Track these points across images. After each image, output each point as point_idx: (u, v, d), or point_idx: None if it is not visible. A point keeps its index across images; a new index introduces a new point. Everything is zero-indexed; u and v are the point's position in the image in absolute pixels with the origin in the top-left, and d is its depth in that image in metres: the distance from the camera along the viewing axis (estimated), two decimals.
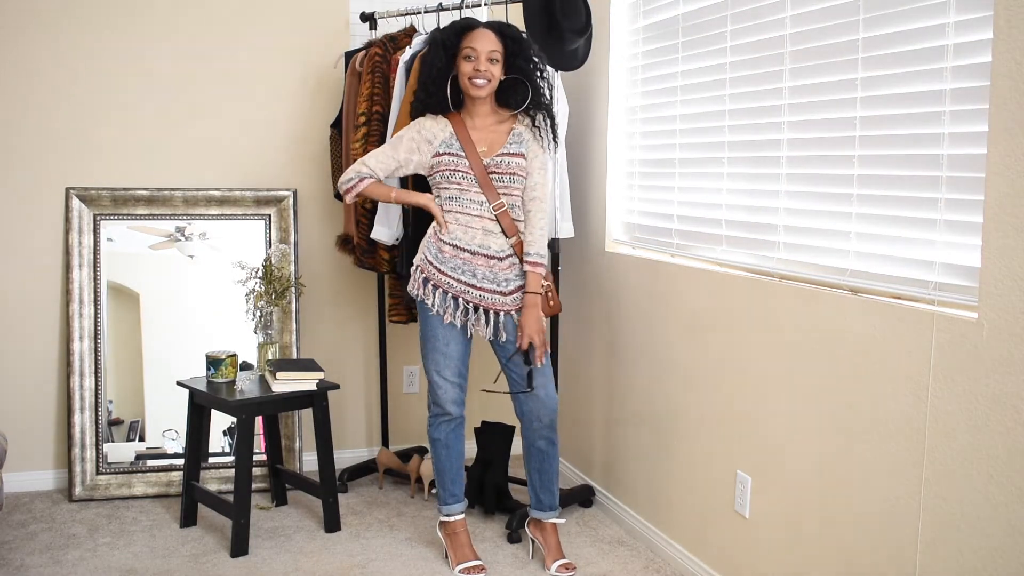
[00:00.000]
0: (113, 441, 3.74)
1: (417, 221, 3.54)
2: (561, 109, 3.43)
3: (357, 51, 3.70)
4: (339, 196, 3.83)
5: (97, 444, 3.70)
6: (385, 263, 3.64)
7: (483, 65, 2.88)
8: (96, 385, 3.72)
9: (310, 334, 4.01)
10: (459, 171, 2.93)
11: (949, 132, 2.03)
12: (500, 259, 2.96)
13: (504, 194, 2.95)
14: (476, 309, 2.96)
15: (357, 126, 3.54)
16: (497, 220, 2.95)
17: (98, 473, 3.70)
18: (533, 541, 3.17)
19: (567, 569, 3.02)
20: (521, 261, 2.99)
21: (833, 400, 2.35)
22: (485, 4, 3.50)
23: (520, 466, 4.07)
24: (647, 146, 3.32)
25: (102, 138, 3.75)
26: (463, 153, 2.94)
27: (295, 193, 3.92)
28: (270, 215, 3.90)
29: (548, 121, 3.02)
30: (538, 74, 2.98)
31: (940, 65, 2.05)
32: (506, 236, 2.96)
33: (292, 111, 3.94)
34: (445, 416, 3.06)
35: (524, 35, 3.00)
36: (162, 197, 3.79)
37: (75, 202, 3.71)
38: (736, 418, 2.76)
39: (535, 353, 2.95)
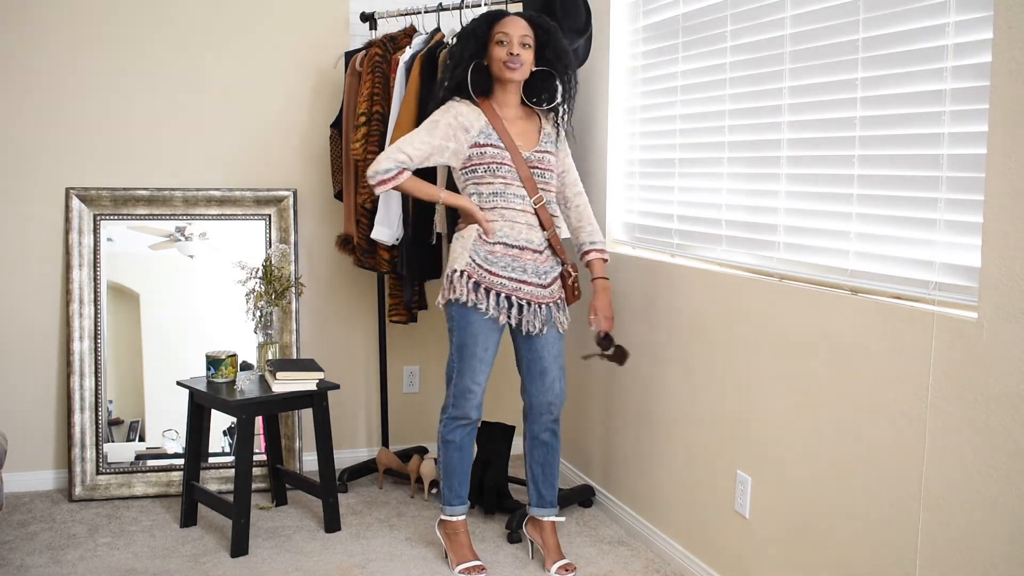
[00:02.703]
0: (113, 441, 3.74)
1: (418, 221, 3.54)
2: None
3: (357, 51, 3.70)
4: (339, 196, 3.85)
5: (97, 444, 3.70)
6: (385, 263, 3.64)
7: (516, 49, 2.85)
8: (96, 385, 3.72)
9: (310, 334, 4.01)
10: (504, 164, 2.89)
11: (949, 132, 2.03)
12: (540, 252, 2.97)
13: (543, 189, 2.95)
14: (528, 305, 2.96)
15: (357, 126, 3.54)
16: (536, 214, 2.95)
17: (98, 473, 3.70)
18: (532, 542, 3.17)
19: (567, 570, 3.02)
20: (555, 253, 3.01)
21: (833, 400, 2.35)
22: (485, 4, 3.50)
23: (520, 466, 4.07)
24: (647, 146, 3.32)
25: (102, 138, 3.75)
26: (503, 145, 2.90)
27: (295, 193, 3.92)
28: (270, 215, 3.90)
29: (568, 115, 3.03)
30: (570, 64, 2.97)
31: (940, 65, 2.05)
32: (543, 229, 2.97)
33: (292, 111, 3.94)
34: (465, 420, 3.02)
35: (554, 25, 2.97)
36: (162, 197, 3.79)
37: (75, 202, 3.71)
38: (736, 418, 2.76)
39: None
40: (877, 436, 2.20)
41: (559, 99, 2.98)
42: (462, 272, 2.91)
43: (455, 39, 3.03)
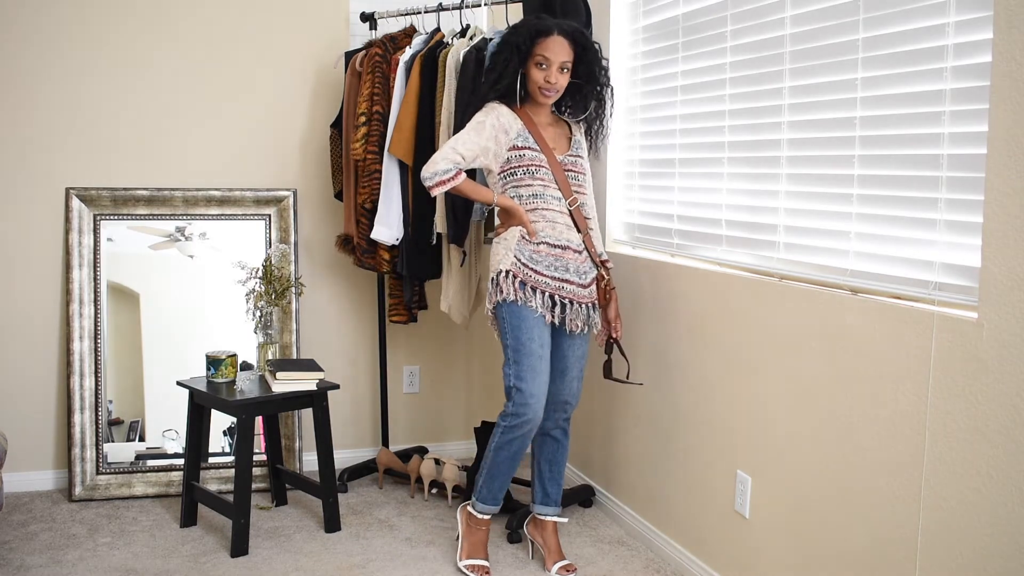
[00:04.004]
0: (113, 441, 3.74)
1: (418, 221, 3.54)
2: None
3: (357, 51, 3.70)
4: (339, 196, 3.85)
5: (97, 444, 3.70)
6: (385, 263, 3.64)
7: (554, 77, 2.88)
8: (96, 385, 3.72)
9: (310, 334, 4.01)
10: (542, 167, 2.93)
11: (949, 132, 2.03)
12: (579, 252, 2.99)
13: (576, 191, 2.98)
14: (571, 303, 2.97)
15: (357, 126, 3.54)
16: (571, 216, 2.97)
17: (98, 473, 3.70)
18: (533, 542, 3.17)
19: (568, 570, 3.02)
20: (591, 255, 3.02)
21: (833, 400, 2.35)
22: (485, 4, 3.50)
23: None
24: (647, 146, 3.32)
25: (102, 138, 3.75)
26: (539, 148, 2.93)
27: (295, 193, 3.92)
28: (270, 215, 3.90)
29: (605, 131, 3.06)
30: (606, 84, 3.01)
31: (940, 65, 2.05)
32: (578, 231, 2.99)
33: (292, 111, 3.94)
34: (529, 423, 2.92)
35: (596, 43, 2.99)
36: (162, 197, 3.79)
37: (75, 202, 3.71)
38: (736, 418, 2.76)
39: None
40: (877, 436, 2.20)
41: (587, 113, 3.02)
42: (507, 272, 2.92)
43: (498, 45, 3.02)
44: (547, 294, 2.93)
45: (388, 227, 3.54)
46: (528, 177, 2.92)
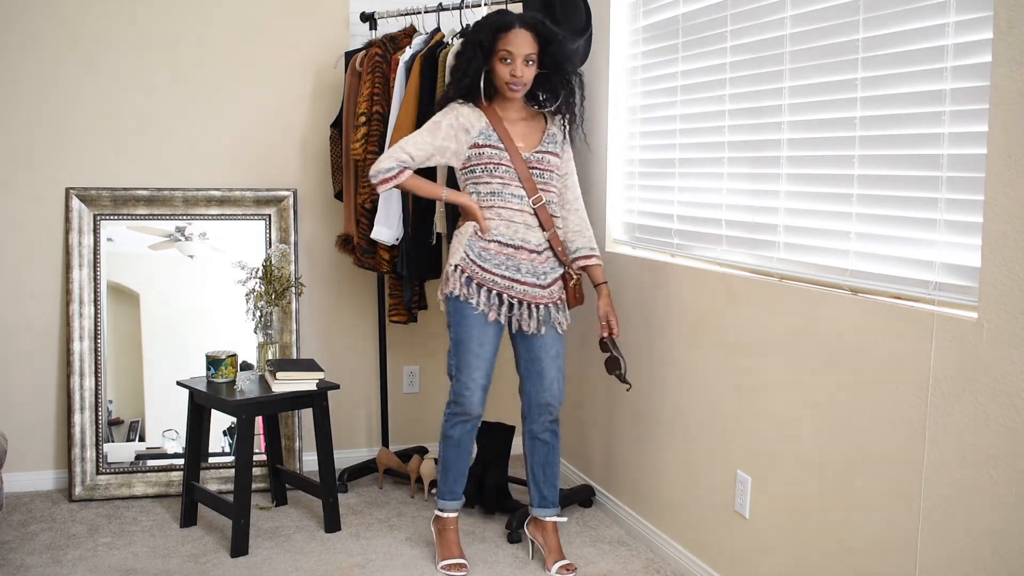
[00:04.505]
0: (113, 441, 3.74)
1: (418, 221, 3.54)
2: None
3: (357, 51, 3.70)
4: (339, 196, 3.85)
5: (97, 444, 3.70)
6: (385, 263, 3.64)
7: (519, 70, 2.88)
8: (96, 385, 3.72)
9: (310, 334, 4.01)
10: (502, 164, 2.92)
11: (949, 132, 2.03)
12: (539, 252, 2.99)
13: (542, 189, 2.97)
14: (520, 304, 2.97)
15: (357, 126, 3.54)
16: (536, 214, 2.96)
17: (98, 473, 3.70)
18: (533, 542, 3.17)
19: (568, 570, 3.02)
20: (555, 255, 3.02)
21: (833, 400, 2.35)
22: (485, 4, 3.50)
23: (520, 466, 4.07)
24: (647, 146, 3.32)
25: (102, 138, 3.75)
26: (502, 146, 2.93)
27: (295, 193, 3.92)
28: (270, 215, 3.90)
29: (577, 121, 3.04)
30: (573, 72, 2.99)
31: (940, 65, 2.05)
32: (543, 230, 2.98)
33: (292, 111, 3.94)
34: (465, 416, 3.03)
35: (559, 32, 2.98)
36: (162, 197, 3.79)
37: (75, 202, 3.71)
38: (736, 418, 2.76)
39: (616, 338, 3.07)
40: (877, 436, 2.20)
41: (558, 103, 2.99)
42: (456, 267, 2.95)
43: (461, 44, 3.03)
44: (494, 292, 2.95)
45: (388, 227, 3.54)
46: (486, 175, 2.93)
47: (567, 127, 3.04)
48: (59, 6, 3.65)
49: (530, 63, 2.89)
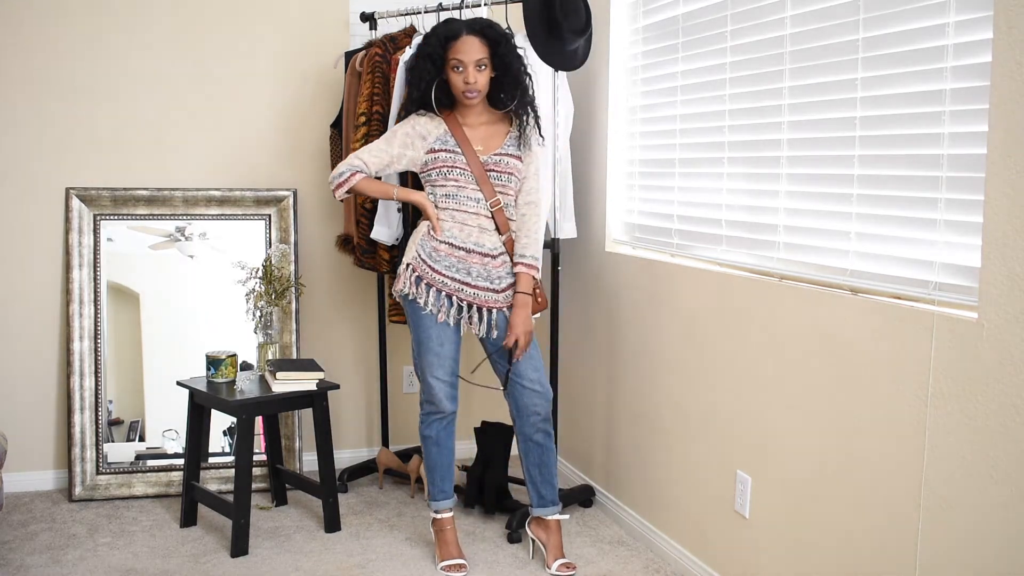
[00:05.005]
0: (113, 441, 3.74)
1: (417, 221, 3.54)
2: (564, 109, 3.43)
3: (357, 51, 3.70)
4: None
5: (97, 444, 3.70)
6: (385, 263, 3.64)
7: (472, 77, 2.90)
8: (96, 385, 3.72)
9: (310, 334, 4.01)
10: (456, 167, 2.94)
11: (949, 132, 2.03)
12: (493, 256, 2.99)
13: (500, 192, 2.98)
14: (470, 307, 2.98)
15: (357, 126, 3.54)
16: (492, 217, 2.97)
17: (98, 473, 3.70)
18: (534, 541, 3.17)
19: (568, 568, 3.03)
20: (512, 259, 3.00)
21: (833, 400, 2.35)
22: (485, 4, 3.50)
23: (520, 466, 4.07)
24: (647, 146, 3.32)
25: (102, 138, 3.75)
26: (459, 150, 2.95)
27: (295, 193, 3.92)
28: (270, 215, 3.90)
29: (535, 118, 3.03)
30: (523, 71, 2.99)
31: (940, 65, 2.05)
32: (499, 233, 2.99)
33: (292, 111, 3.94)
34: (438, 414, 3.06)
35: (507, 31, 3.00)
36: (162, 197, 3.79)
37: (75, 202, 3.71)
38: (736, 418, 2.76)
39: (516, 351, 2.98)
40: (877, 436, 2.20)
41: (514, 103, 2.98)
42: (408, 265, 3.00)
43: (412, 58, 3.03)
44: (443, 293, 2.97)
45: (388, 227, 3.54)
46: (441, 178, 2.96)
47: (524, 127, 3.03)
48: (59, 6, 3.65)
49: (482, 68, 2.91)
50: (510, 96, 3.00)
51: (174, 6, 3.77)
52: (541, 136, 3.07)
